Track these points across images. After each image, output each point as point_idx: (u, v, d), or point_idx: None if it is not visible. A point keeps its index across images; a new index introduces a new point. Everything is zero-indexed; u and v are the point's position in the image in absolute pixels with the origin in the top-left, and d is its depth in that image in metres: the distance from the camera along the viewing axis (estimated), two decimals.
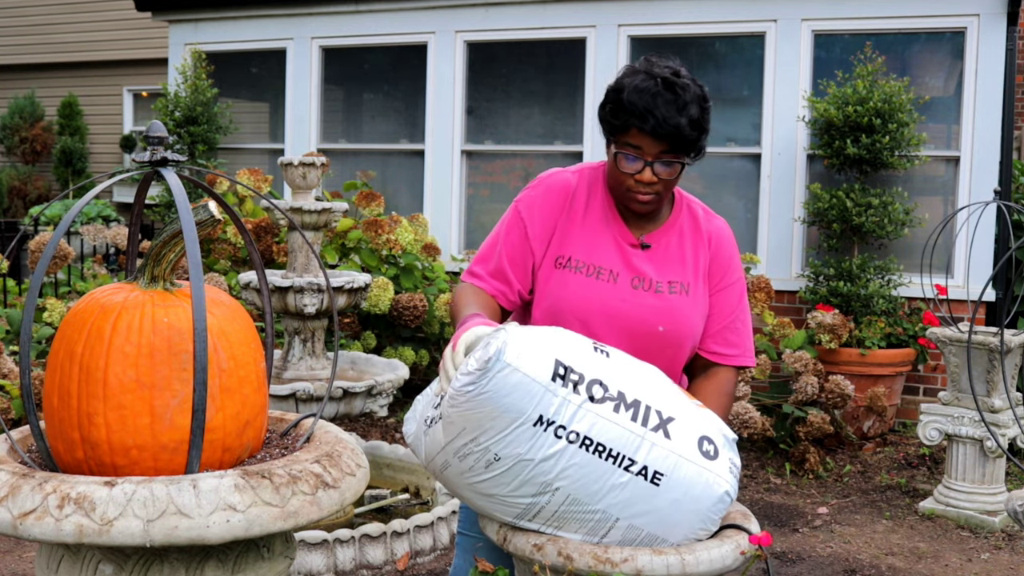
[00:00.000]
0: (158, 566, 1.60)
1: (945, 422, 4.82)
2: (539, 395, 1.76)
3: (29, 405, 1.62)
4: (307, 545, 3.71)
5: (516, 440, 1.76)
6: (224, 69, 8.31)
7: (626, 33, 7.06)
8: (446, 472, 1.88)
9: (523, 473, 1.78)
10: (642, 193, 2.13)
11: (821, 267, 6.25)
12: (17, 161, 14.17)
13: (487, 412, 1.76)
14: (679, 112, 2.06)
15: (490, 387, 1.75)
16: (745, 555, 1.84)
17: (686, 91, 2.08)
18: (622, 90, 2.09)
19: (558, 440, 1.76)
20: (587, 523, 1.81)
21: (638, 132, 2.08)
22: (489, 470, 1.80)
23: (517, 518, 1.86)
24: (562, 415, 1.76)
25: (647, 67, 2.11)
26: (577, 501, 1.79)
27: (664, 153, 2.10)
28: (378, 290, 5.87)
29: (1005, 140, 6.27)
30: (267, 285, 1.91)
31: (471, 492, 1.87)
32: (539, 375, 1.76)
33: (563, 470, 1.77)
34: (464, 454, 1.81)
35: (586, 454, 1.77)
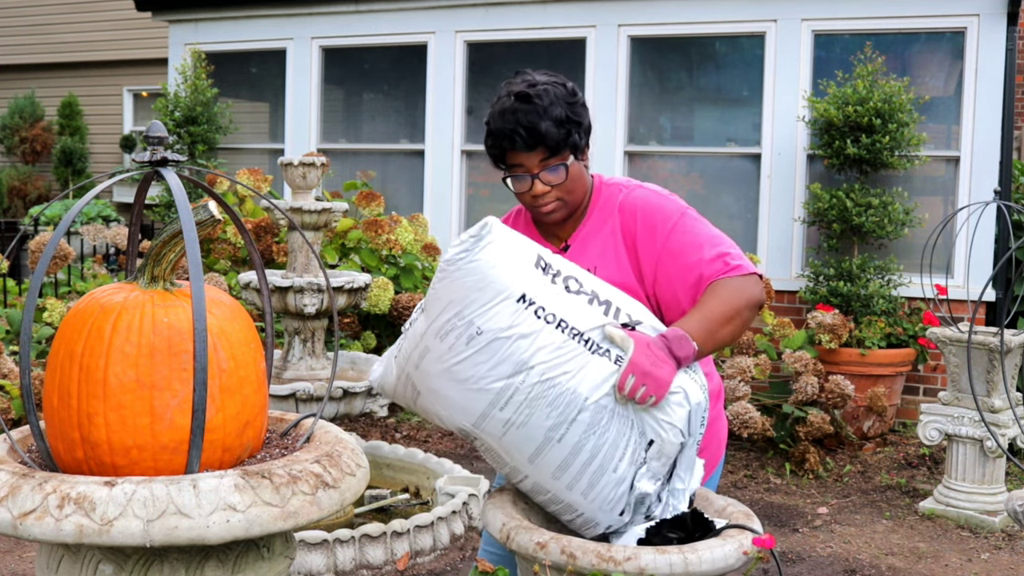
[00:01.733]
0: (158, 566, 1.60)
1: (945, 422, 4.82)
2: (523, 274, 1.88)
3: (29, 405, 1.62)
4: (307, 545, 3.71)
5: (499, 314, 1.84)
6: (224, 69, 8.31)
7: (626, 33, 7.06)
8: (423, 362, 1.92)
9: (502, 350, 1.84)
10: (543, 205, 2.17)
11: (821, 267, 6.25)
12: (17, 161, 14.17)
13: (475, 281, 1.85)
14: (541, 118, 2.08)
15: (481, 255, 1.86)
16: (748, 555, 1.84)
17: (544, 96, 2.09)
18: (490, 120, 2.15)
19: (537, 319, 1.85)
20: (558, 406, 1.85)
21: (511, 151, 2.12)
22: (470, 346, 1.85)
23: (490, 406, 1.87)
24: (542, 297, 1.87)
25: (506, 89, 2.15)
26: (550, 381, 1.84)
27: (544, 161, 2.12)
28: (378, 290, 5.87)
29: (1005, 140, 6.27)
30: (267, 285, 1.91)
31: (445, 379, 1.89)
32: (524, 257, 1.91)
33: (539, 349, 1.84)
34: (446, 331, 1.87)
35: (562, 335, 1.85)
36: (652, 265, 2.14)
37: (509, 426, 1.87)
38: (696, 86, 7.25)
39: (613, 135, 7.01)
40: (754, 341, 5.80)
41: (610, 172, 6.97)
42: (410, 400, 2.02)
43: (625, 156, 7.07)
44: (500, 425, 1.88)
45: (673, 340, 1.93)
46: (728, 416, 5.22)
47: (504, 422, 1.87)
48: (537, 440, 1.87)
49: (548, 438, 1.87)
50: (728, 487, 5.23)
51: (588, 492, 1.90)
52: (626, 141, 7.07)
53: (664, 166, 7.16)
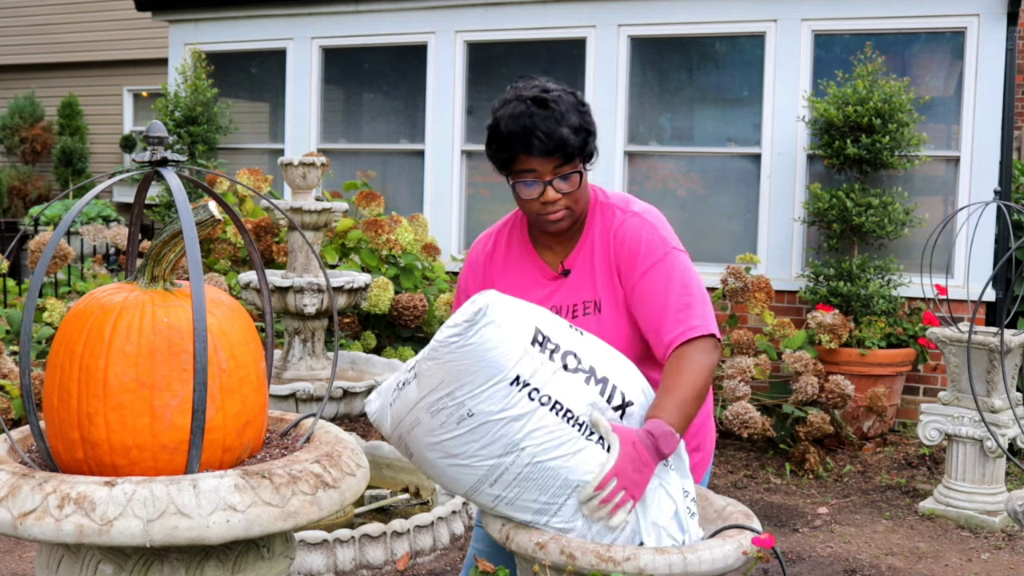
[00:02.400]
0: (158, 566, 1.60)
1: (945, 422, 4.82)
2: (519, 355, 1.83)
3: (29, 405, 1.62)
4: (307, 545, 3.71)
5: (492, 397, 1.82)
6: (224, 69, 8.31)
7: (626, 33, 7.06)
8: (414, 431, 1.91)
9: (493, 431, 1.82)
10: (552, 213, 2.14)
11: (821, 267, 6.25)
12: (17, 161, 14.17)
13: (468, 365, 1.82)
14: (558, 124, 2.07)
15: (474, 339, 1.82)
16: (747, 555, 1.84)
17: (559, 103, 2.09)
18: (499, 122, 2.11)
19: (531, 401, 1.82)
20: (548, 489, 1.84)
21: (526, 156, 2.09)
22: (460, 426, 1.84)
23: (479, 482, 1.87)
24: (537, 378, 1.83)
25: (515, 94, 2.13)
26: (540, 465, 1.83)
27: (558, 168, 2.10)
28: (378, 290, 5.87)
29: (1005, 140, 6.27)
30: (267, 285, 1.91)
31: (437, 452, 1.89)
32: (521, 336, 1.85)
33: (531, 431, 1.82)
34: (437, 409, 1.85)
35: (555, 417, 1.83)
36: (628, 295, 2.15)
37: (499, 501, 1.89)
38: (696, 86, 7.25)
39: (613, 135, 7.01)
40: (754, 341, 5.80)
41: (610, 172, 6.98)
42: (403, 454, 2.03)
43: (625, 156, 7.07)
44: (491, 499, 1.90)
45: (661, 438, 1.88)
46: (728, 416, 5.23)
47: (495, 497, 1.89)
48: (530, 512, 1.88)
49: (542, 511, 1.87)
50: (728, 487, 5.23)
51: None
52: (626, 141, 7.07)
53: (664, 166, 7.16)
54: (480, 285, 2.26)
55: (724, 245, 6.74)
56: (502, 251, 2.29)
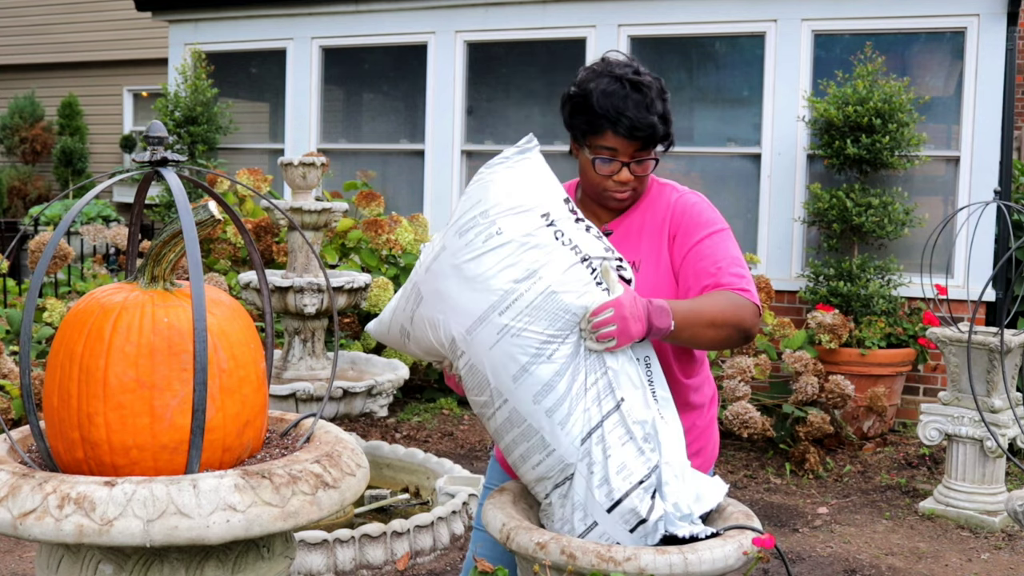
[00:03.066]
0: (158, 566, 1.60)
1: (945, 422, 4.82)
2: (552, 198, 1.97)
3: (29, 405, 1.62)
4: (307, 545, 3.71)
5: (522, 221, 1.91)
6: (224, 69, 8.31)
7: (626, 33, 7.06)
8: (435, 263, 1.97)
9: (516, 254, 1.89)
10: (619, 192, 2.19)
11: (821, 267, 6.25)
12: (17, 161, 14.17)
13: (508, 187, 1.96)
14: (648, 111, 2.11)
15: (519, 167, 1.99)
16: (748, 555, 1.84)
17: (651, 89, 2.13)
18: (589, 94, 2.12)
19: (555, 240, 1.91)
20: (556, 320, 1.88)
21: (612, 135, 2.12)
22: (487, 244, 1.90)
23: (491, 309, 1.89)
24: (563, 224, 1.94)
25: (608, 69, 2.15)
26: (555, 295, 1.88)
27: (638, 152, 2.15)
28: (378, 290, 5.87)
29: (1005, 140, 6.27)
30: (267, 285, 1.91)
31: (454, 279, 1.92)
32: (557, 189, 2.01)
33: (550, 262, 1.89)
34: (468, 227, 1.94)
35: (574, 257, 1.91)
36: (679, 259, 2.17)
37: (504, 333, 1.87)
38: (696, 86, 7.25)
39: None
40: (754, 341, 5.80)
41: None
42: (407, 319, 2.03)
43: None
44: (495, 332, 1.88)
45: (655, 309, 1.94)
46: (728, 416, 5.23)
47: (500, 328, 1.87)
48: (528, 354, 1.87)
49: (539, 353, 1.87)
50: (728, 487, 5.23)
51: (566, 422, 1.87)
52: None
53: (664, 166, 7.13)
54: None
55: None
56: None
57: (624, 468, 1.86)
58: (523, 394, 1.88)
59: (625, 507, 1.86)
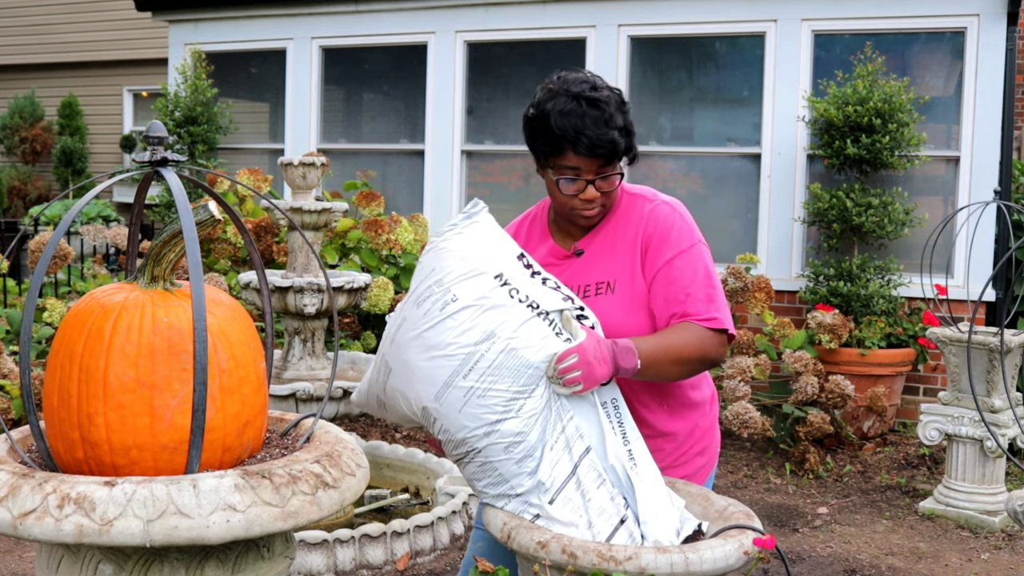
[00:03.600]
0: (158, 566, 1.60)
1: (945, 422, 4.82)
2: (504, 258, 2.02)
3: (29, 405, 1.62)
4: (307, 545, 3.71)
5: (476, 286, 1.96)
6: (224, 69, 8.31)
7: (626, 33, 7.06)
8: (398, 334, 2.01)
9: (472, 317, 1.94)
10: (587, 209, 2.17)
11: (821, 267, 6.25)
12: (17, 161, 14.17)
13: (459, 253, 2.01)
14: (607, 126, 2.09)
15: (467, 232, 2.05)
16: (749, 555, 1.84)
17: (609, 104, 2.11)
18: (547, 115, 2.12)
19: (510, 298, 1.96)
20: (520, 377, 1.91)
21: (574, 155, 2.11)
22: (443, 311, 1.96)
23: (454, 375, 1.92)
24: (518, 282, 1.99)
25: (563, 87, 2.15)
26: (515, 352, 1.91)
27: (601, 168, 2.13)
28: (378, 290, 5.87)
29: (1005, 140, 6.26)
30: (267, 285, 1.91)
31: (416, 348, 1.96)
32: (509, 247, 2.06)
33: (507, 321, 1.93)
34: (424, 297, 1.99)
35: (530, 312, 1.96)
36: (650, 277, 2.16)
37: (471, 395, 1.91)
38: (696, 86, 7.25)
39: None
40: (754, 341, 5.80)
41: None
42: (380, 391, 2.07)
43: None
44: (462, 395, 1.92)
45: (620, 350, 1.97)
46: (728, 416, 5.23)
47: (466, 391, 1.91)
48: (496, 412, 1.91)
49: (507, 409, 1.91)
50: (728, 487, 5.23)
51: (536, 471, 1.93)
52: None
53: (664, 166, 7.16)
54: None
55: (724, 245, 6.74)
56: (523, 236, 2.33)
57: (603, 511, 1.93)
58: (495, 447, 1.93)
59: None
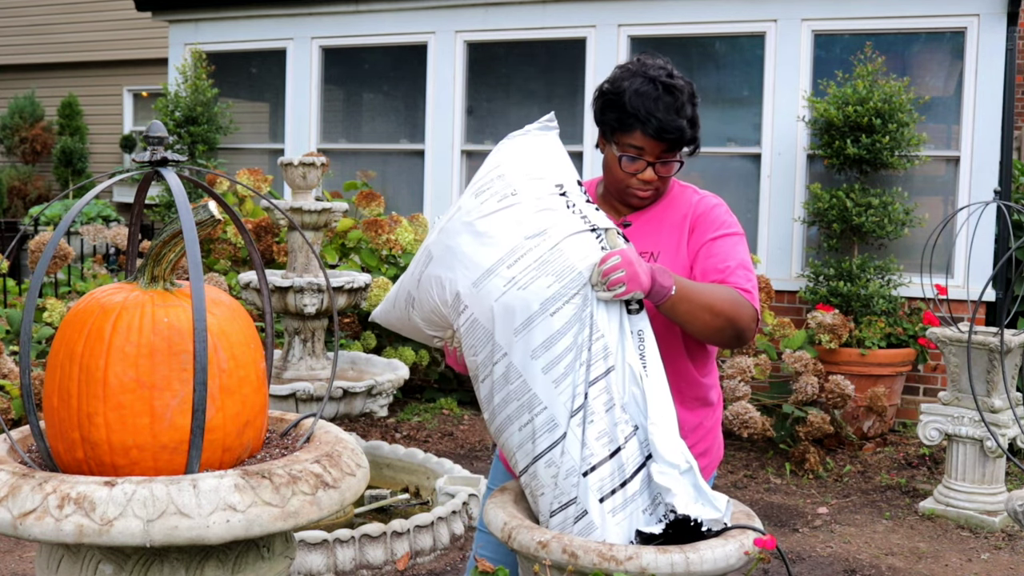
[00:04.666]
0: (158, 566, 1.60)
1: (945, 422, 4.82)
2: (567, 174, 2.06)
3: (29, 405, 1.62)
4: (307, 545, 3.71)
5: (536, 187, 2.01)
6: (224, 69, 8.31)
7: (626, 33, 7.06)
8: (449, 222, 2.05)
9: (528, 214, 1.97)
10: (642, 190, 2.22)
11: (821, 267, 6.25)
12: (17, 161, 14.17)
13: (528, 154, 2.06)
14: (678, 114, 2.15)
15: (542, 140, 2.10)
16: (749, 555, 1.84)
17: (682, 92, 2.17)
18: (622, 93, 2.16)
19: (566, 208, 1.98)
20: (562, 278, 1.91)
21: (641, 135, 2.16)
22: (501, 203, 1.99)
23: (500, 262, 1.94)
24: (575, 196, 2.02)
25: (642, 69, 2.19)
26: (562, 253, 1.93)
27: (664, 153, 2.18)
28: (378, 290, 5.87)
29: (1005, 140, 6.26)
30: (267, 285, 1.91)
31: (466, 233, 1.99)
32: (568, 168, 2.09)
33: (560, 225, 1.95)
34: (484, 188, 2.03)
35: (583, 224, 1.97)
36: (693, 252, 2.21)
37: (511, 285, 1.91)
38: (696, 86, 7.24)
39: None
40: (754, 341, 5.80)
41: None
42: (413, 284, 2.10)
43: None
44: (503, 283, 1.92)
45: (658, 268, 1.99)
46: (728, 416, 5.23)
47: (508, 280, 1.91)
48: (532, 309, 1.90)
49: (543, 309, 1.90)
50: (728, 487, 5.23)
51: (560, 381, 1.89)
52: None
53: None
54: None
55: None
56: None
57: (603, 435, 1.89)
58: (522, 348, 1.91)
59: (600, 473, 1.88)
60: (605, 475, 1.88)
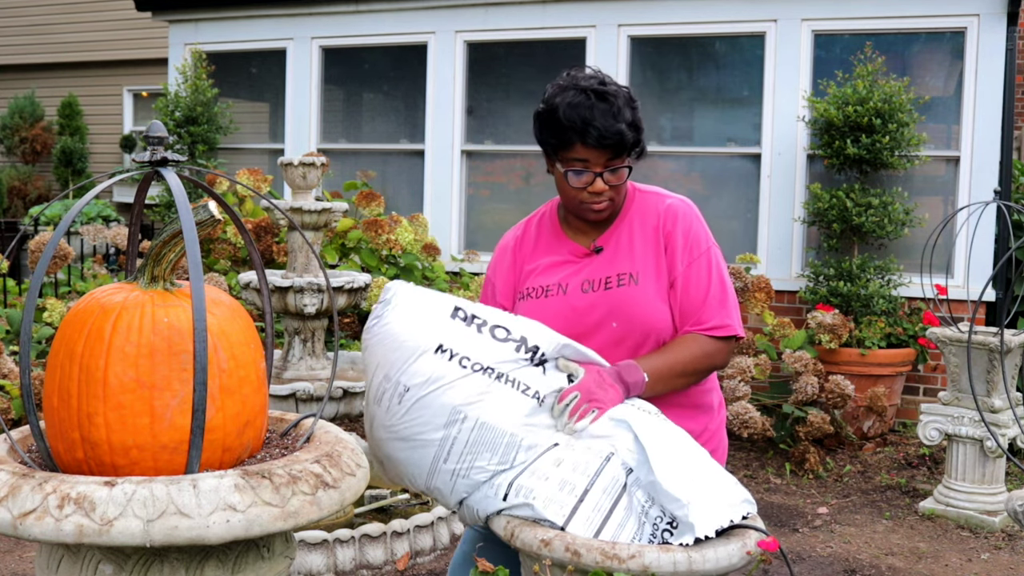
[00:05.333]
0: (158, 566, 1.60)
1: (945, 422, 4.82)
2: (438, 326, 1.99)
3: (29, 405, 1.62)
4: (307, 545, 3.71)
5: (421, 368, 1.95)
6: (224, 69, 8.31)
7: (626, 33, 7.06)
8: (372, 431, 2.03)
9: (432, 402, 1.93)
10: (596, 203, 2.20)
11: (821, 267, 6.25)
12: (17, 161, 14.17)
13: (391, 343, 2.00)
14: (615, 119, 2.12)
15: (390, 318, 2.02)
16: (751, 555, 1.84)
17: (617, 98, 2.15)
18: (556, 108, 2.15)
19: (461, 368, 1.94)
20: (497, 449, 1.92)
21: (582, 147, 2.14)
22: (402, 404, 1.96)
23: (435, 460, 1.94)
24: (462, 346, 1.97)
25: (572, 82, 2.18)
26: (486, 426, 1.91)
27: (609, 161, 2.15)
28: (378, 290, 5.86)
29: (1005, 140, 6.26)
30: (267, 285, 1.91)
31: (394, 443, 1.98)
32: (437, 310, 2.03)
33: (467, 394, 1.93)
34: (380, 394, 2.00)
35: (494, 381, 1.93)
36: (670, 280, 2.21)
37: (456, 477, 1.95)
38: (696, 86, 7.25)
39: None
40: (754, 341, 5.80)
41: None
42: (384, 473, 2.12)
43: None
44: (449, 478, 1.95)
45: (624, 368, 2.03)
46: (728, 416, 5.23)
47: (451, 473, 1.95)
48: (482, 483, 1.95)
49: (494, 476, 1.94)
50: None
51: None
52: None
53: (664, 166, 7.16)
54: (508, 271, 2.32)
55: (724, 245, 6.66)
56: (532, 236, 2.34)
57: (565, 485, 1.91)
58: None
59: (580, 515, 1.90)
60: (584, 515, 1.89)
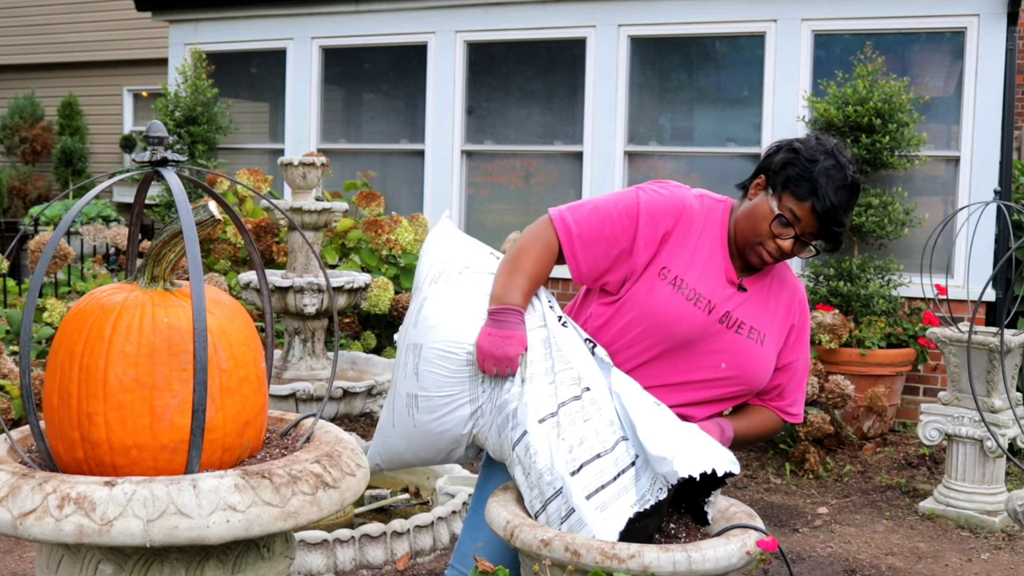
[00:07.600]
0: (158, 566, 1.60)
1: (945, 422, 4.82)
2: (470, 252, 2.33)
3: (29, 405, 1.62)
4: (307, 545, 3.71)
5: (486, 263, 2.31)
6: (224, 69, 8.31)
7: (626, 33, 7.06)
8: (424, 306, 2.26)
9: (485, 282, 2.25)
10: (771, 255, 2.22)
11: (821, 267, 6.25)
12: (17, 161, 14.16)
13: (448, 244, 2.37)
14: (846, 212, 2.18)
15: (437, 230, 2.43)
16: (751, 554, 1.84)
17: (856, 197, 2.21)
18: (815, 162, 2.16)
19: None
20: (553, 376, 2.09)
21: (810, 209, 2.16)
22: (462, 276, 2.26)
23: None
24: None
25: (838, 157, 2.19)
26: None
27: (811, 237, 2.21)
28: (378, 290, 5.86)
29: (1005, 140, 6.26)
30: (267, 285, 1.91)
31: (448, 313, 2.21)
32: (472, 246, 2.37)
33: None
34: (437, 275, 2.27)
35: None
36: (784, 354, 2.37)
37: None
38: (696, 86, 7.25)
39: (613, 135, 7.01)
40: None
41: (610, 172, 6.97)
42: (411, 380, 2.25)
43: (625, 156, 7.07)
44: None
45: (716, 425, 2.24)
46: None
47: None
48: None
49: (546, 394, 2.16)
50: (728, 487, 5.23)
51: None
52: (626, 141, 7.07)
53: (664, 166, 7.16)
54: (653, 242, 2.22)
55: None
56: (696, 233, 2.26)
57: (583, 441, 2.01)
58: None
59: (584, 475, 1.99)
60: (589, 476, 1.95)
